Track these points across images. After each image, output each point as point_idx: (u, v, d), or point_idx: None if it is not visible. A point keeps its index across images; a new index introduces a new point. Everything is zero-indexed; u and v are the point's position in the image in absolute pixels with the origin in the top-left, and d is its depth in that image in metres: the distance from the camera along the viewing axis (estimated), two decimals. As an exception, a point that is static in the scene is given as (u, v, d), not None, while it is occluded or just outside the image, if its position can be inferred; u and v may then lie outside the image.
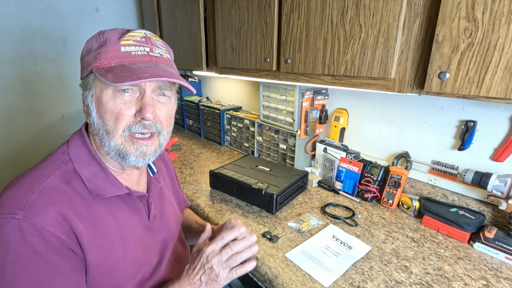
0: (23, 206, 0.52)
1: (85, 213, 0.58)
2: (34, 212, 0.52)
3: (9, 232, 0.50)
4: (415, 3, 0.75)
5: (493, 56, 0.64)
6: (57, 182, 0.57)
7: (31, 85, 1.97)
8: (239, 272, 0.66)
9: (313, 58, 1.00)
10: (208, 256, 0.65)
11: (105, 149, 0.61)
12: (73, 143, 0.64)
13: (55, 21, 1.97)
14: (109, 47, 0.58)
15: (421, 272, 0.81)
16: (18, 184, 0.56)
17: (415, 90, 0.83)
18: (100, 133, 0.60)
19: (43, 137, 2.08)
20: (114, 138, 0.59)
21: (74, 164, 0.61)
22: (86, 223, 0.58)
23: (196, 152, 1.75)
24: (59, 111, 2.12)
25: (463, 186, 1.02)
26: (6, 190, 0.55)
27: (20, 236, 0.50)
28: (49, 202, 0.54)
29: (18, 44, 1.87)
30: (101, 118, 0.59)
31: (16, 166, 2.02)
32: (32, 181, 0.55)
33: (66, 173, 0.59)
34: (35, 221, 0.51)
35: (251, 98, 1.91)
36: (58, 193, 0.56)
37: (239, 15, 1.26)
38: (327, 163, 1.35)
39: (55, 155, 0.62)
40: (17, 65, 1.90)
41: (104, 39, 0.60)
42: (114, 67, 0.57)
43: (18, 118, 1.97)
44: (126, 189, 0.65)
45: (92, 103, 0.60)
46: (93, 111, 0.60)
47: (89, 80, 0.60)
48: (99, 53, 0.58)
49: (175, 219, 0.84)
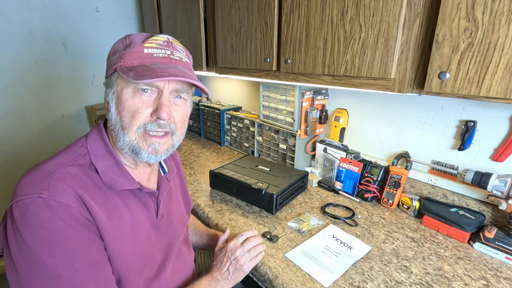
0: (46, 187, 0.54)
1: (100, 200, 0.61)
2: (57, 192, 0.55)
3: (38, 210, 0.53)
4: (415, 3, 0.75)
5: (493, 56, 0.64)
6: (75, 171, 0.60)
7: (31, 85, 1.97)
8: (257, 259, 0.82)
9: (313, 58, 1.00)
10: (232, 249, 0.80)
11: (120, 144, 0.64)
12: (91, 137, 0.66)
13: (55, 21, 1.97)
14: (133, 49, 0.62)
15: (421, 272, 0.81)
16: (38, 170, 0.58)
17: (415, 90, 0.83)
18: (116, 129, 0.64)
19: (43, 137, 2.08)
20: (129, 134, 0.62)
21: (91, 157, 0.63)
22: (102, 209, 0.60)
23: (196, 152, 1.75)
24: (59, 111, 2.12)
25: (463, 186, 1.02)
26: (26, 176, 0.58)
27: (49, 213, 0.53)
28: (69, 185, 0.57)
29: (18, 44, 1.87)
30: (119, 115, 0.63)
31: (16, 166, 2.02)
32: (52, 168, 0.58)
33: (83, 165, 0.62)
34: (60, 199, 0.54)
35: (251, 98, 1.91)
36: (76, 179, 0.58)
37: (239, 15, 1.26)
38: (327, 163, 1.35)
39: (73, 147, 0.65)
40: (17, 65, 1.90)
41: (129, 41, 0.64)
42: (136, 66, 0.61)
43: (18, 118, 1.98)
44: (138, 184, 0.67)
45: (113, 100, 0.64)
46: (112, 108, 0.64)
47: (112, 78, 0.64)
48: (124, 53, 0.62)
49: (181, 221, 0.84)
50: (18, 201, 0.54)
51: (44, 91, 2.03)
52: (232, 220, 1.05)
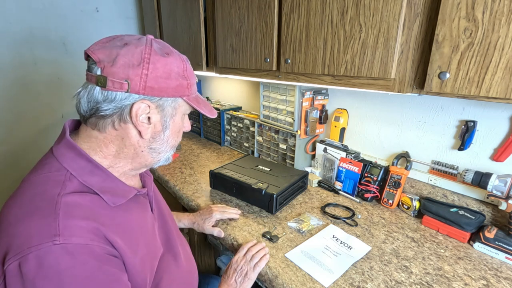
0: (58, 231, 0.48)
1: (109, 222, 0.57)
2: (72, 233, 0.49)
3: (57, 259, 0.47)
4: (415, 3, 0.75)
5: (493, 56, 0.64)
6: (74, 199, 0.54)
7: (31, 85, 1.97)
8: (261, 264, 0.84)
9: (313, 58, 1.00)
10: (236, 261, 0.85)
11: (155, 159, 0.68)
12: (64, 158, 0.59)
13: (55, 21, 1.97)
14: (192, 80, 0.67)
15: (421, 272, 0.81)
16: (33, 215, 0.51)
17: (415, 90, 0.83)
18: (161, 148, 0.69)
19: (43, 137, 2.08)
20: (172, 150, 0.72)
21: (78, 178, 0.57)
22: (113, 231, 0.57)
23: (196, 152, 1.75)
24: (59, 111, 2.12)
25: (463, 186, 1.02)
26: (21, 224, 0.50)
27: (70, 259, 0.48)
28: (80, 218, 0.52)
29: (18, 44, 1.87)
30: (171, 136, 0.69)
31: (16, 166, 2.02)
32: (48, 206, 0.51)
33: (74, 189, 0.56)
34: (78, 240, 0.49)
35: (251, 98, 1.91)
36: (82, 209, 0.54)
37: (239, 15, 1.26)
38: (327, 163, 1.35)
39: (48, 174, 0.57)
40: (17, 65, 1.90)
41: (186, 67, 0.66)
42: (195, 98, 0.69)
43: (18, 118, 1.97)
44: (135, 190, 0.66)
45: (168, 123, 0.66)
46: (167, 130, 0.67)
47: (170, 103, 0.64)
48: (190, 84, 0.66)
49: (166, 207, 0.85)
50: (26, 254, 0.46)
51: (44, 91, 2.03)
52: (232, 220, 1.05)
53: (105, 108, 0.58)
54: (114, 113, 0.59)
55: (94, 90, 0.58)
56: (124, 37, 0.60)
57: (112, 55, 0.57)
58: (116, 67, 0.56)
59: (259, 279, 0.86)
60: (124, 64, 0.56)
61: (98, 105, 0.58)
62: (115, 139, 0.61)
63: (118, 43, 0.59)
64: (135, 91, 0.57)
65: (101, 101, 0.58)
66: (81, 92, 0.60)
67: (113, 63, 0.56)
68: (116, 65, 0.56)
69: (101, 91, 0.57)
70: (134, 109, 0.58)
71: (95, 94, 0.58)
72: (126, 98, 0.58)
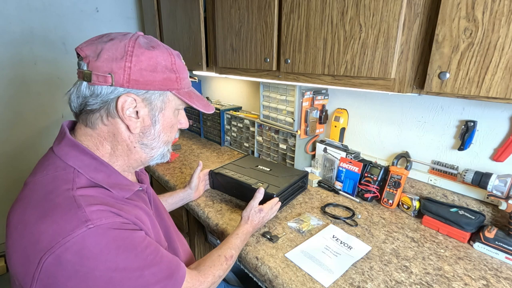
0: (87, 217, 0.50)
1: (124, 210, 0.59)
2: (99, 216, 0.51)
3: (95, 240, 0.49)
4: (415, 3, 0.75)
5: (493, 56, 0.64)
6: (86, 192, 0.55)
7: (31, 85, 1.97)
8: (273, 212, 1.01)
9: (313, 58, 1.00)
10: (252, 210, 0.95)
11: (149, 155, 0.68)
12: (68, 156, 0.59)
13: (55, 21, 1.97)
14: (184, 74, 0.67)
15: (421, 272, 0.81)
16: (54, 210, 0.51)
17: (415, 90, 0.83)
18: (153, 144, 0.68)
19: (43, 137, 2.08)
20: (167, 146, 0.71)
21: (85, 175, 0.58)
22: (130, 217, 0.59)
23: (196, 152, 1.75)
24: (59, 111, 2.12)
25: (463, 186, 1.02)
26: (43, 222, 0.50)
27: (106, 236, 0.51)
28: (99, 204, 0.53)
29: (18, 44, 1.87)
30: (163, 131, 0.69)
31: (16, 166, 2.02)
32: (67, 200, 0.52)
33: (84, 185, 0.57)
34: (106, 220, 0.52)
35: (251, 98, 1.91)
36: (96, 198, 0.55)
37: (239, 15, 1.26)
38: (327, 163, 1.35)
39: (56, 175, 0.57)
40: (17, 65, 1.90)
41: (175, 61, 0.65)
42: (188, 92, 0.68)
43: (18, 118, 1.98)
44: (138, 184, 0.67)
45: (159, 117, 0.66)
46: (157, 124, 0.67)
47: (158, 96, 0.64)
48: (179, 78, 0.65)
49: (162, 205, 0.85)
50: (64, 244, 0.47)
51: (44, 91, 2.03)
52: (232, 220, 1.05)
53: (92, 103, 0.59)
54: (101, 108, 0.59)
55: (82, 85, 0.59)
56: (111, 34, 0.61)
57: (97, 50, 0.57)
58: (100, 61, 0.56)
59: (259, 279, 0.86)
60: (108, 58, 0.57)
61: (85, 100, 0.59)
62: (108, 136, 0.62)
63: (105, 39, 0.60)
64: (119, 84, 0.57)
65: (88, 96, 0.59)
66: (72, 89, 0.61)
67: (97, 57, 0.57)
68: (100, 59, 0.56)
69: (88, 86, 0.58)
70: (119, 102, 0.59)
71: (82, 89, 0.59)
72: (112, 92, 0.58)
